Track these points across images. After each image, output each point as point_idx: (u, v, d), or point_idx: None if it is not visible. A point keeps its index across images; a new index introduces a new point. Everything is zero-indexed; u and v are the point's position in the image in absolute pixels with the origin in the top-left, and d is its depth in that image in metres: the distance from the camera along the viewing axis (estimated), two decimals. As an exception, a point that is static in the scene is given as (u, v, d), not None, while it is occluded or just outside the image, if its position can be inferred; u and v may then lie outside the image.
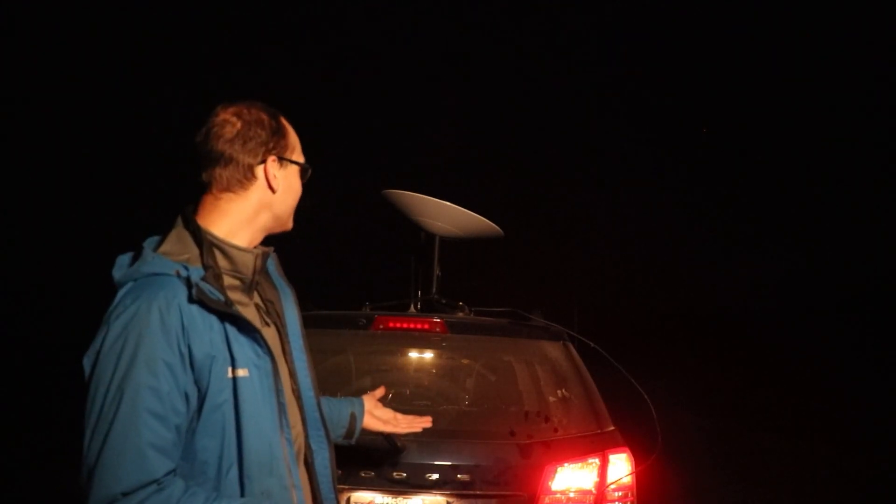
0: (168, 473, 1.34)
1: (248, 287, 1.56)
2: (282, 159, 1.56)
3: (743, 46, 18.22)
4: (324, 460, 1.63)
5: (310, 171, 1.64)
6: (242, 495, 1.39)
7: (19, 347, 11.07)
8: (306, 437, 1.60)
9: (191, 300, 1.38)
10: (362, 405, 2.04)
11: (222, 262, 1.50)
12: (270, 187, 1.54)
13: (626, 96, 18.97)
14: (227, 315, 1.42)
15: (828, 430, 8.10)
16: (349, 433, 1.98)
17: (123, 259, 1.50)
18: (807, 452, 7.39)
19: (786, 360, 11.67)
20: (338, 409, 1.97)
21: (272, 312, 1.62)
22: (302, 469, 1.58)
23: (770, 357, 12.18)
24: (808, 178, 16.72)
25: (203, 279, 1.43)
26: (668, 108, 18.82)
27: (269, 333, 1.57)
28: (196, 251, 1.48)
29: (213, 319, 1.41)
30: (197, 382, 1.38)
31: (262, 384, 1.44)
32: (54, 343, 11.30)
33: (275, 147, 1.54)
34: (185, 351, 1.37)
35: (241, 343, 1.43)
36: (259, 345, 1.46)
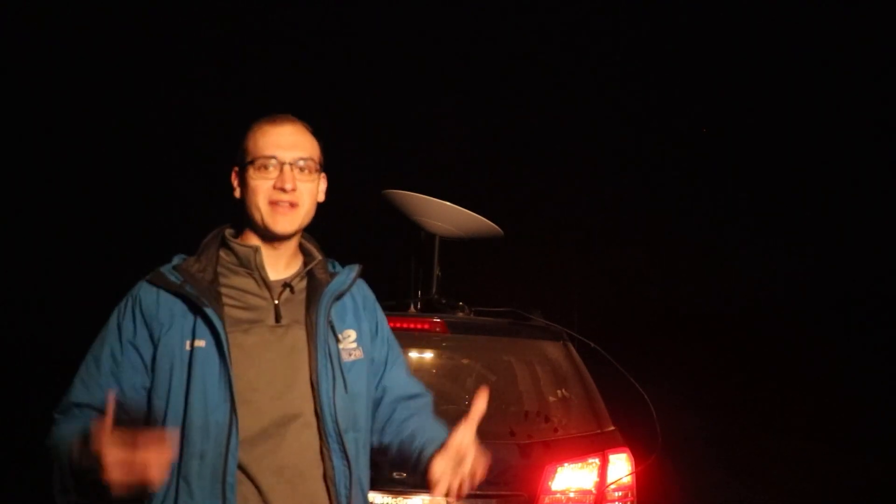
0: (90, 406, 1.57)
1: (262, 283, 1.67)
2: (242, 167, 1.69)
3: (751, 41, 18.22)
4: (343, 479, 1.62)
5: (256, 161, 1.65)
6: (181, 455, 1.53)
7: (19, 348, 11.07)
8: (329, 450, 1.61)
9: (147, 279, 1.66)
10: (437, 446, 1.64)
11: (231, 258, 1.69)
12: (234, 195, 1.72)
13: (626, 94, 18.97)
14: (181, 294, 1.61)
15: (828, 430, 8.11)
16: (416, 472, 1.67)
17: None
18: (807, 452, 7.40)
19: (786, 361, 11.68)
20: (421, 442, 1.69)
21: (308, 318, 1.66)
22: (277, 455, 1.58)
23: (770, 357, 12.18)
24: (811, 176, 16.72)
25: (176, 266, 1.67)
26: (670, 107, 18.82)
27: (279, 331, 1.64)
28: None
29: (174, 297, 1.62)
30: (152, 341, 1.60)
31: (217, 356, 1.56)
32: (53, 343, 11.32)
33: (236, 159, 1.71)
34: (137, 315, 1.62)
35: (201, 318, 1.59)
36: (208, 321, 1.57)
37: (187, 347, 1.57)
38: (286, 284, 1.69)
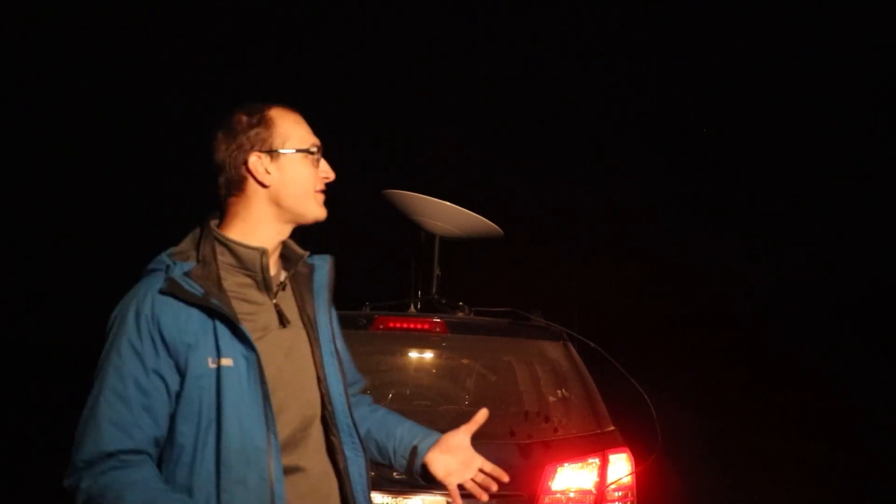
0: (130, 452, 1.43)
1: (263, 285, 1.59)
2: (271, 152, 1.57)
3: (744, 44, 18.22)
4: (359, 468, 1.63)
5: (315, 153, 1.61)
6: (218, 483, 1.43)
7: (19, 347, 11.07)
8: (340, 443, 1.61)
9: (161, 291, 1.47)
10: (431, 442, 1.74)
11: (228, 259, 1.56)
12: (261, 183, 1.57)
13: (626, 95, 18.98)
14: (205, 307, 1.47)
15: (828, 430, 8.10)
16: (410, 463, 1.73)
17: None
18: (807, 452, 7.39)
19: (786, 361, 11.67)
20: (403, 435, 1.77)
21: (303, 315, 1.63)
22: (302, 459, 1.57)
23: (770, 357, 12.18)
24: (810, 177, 16.72)
25: (188, 273, 1.50)
26: (669, 107, 18.82)
27: (286, 334, 1.60)
28: (204, 250, 1.57)
29: (195, 310, 1.48)
30: (177, 368, 1.46)
31: (248, 374, 1.48)
32: (54, 343, 11.32)
33: (256, 143, 1.57)
34: (155, 337, 1.45)
35: (226, 334, 1.48)
36: (239, 337, 1.48)
37: (211, 366, 1.46)
38: (280, 283, 1.63)
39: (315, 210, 1.62)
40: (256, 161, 1.57)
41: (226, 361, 1.46)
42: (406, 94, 17.47)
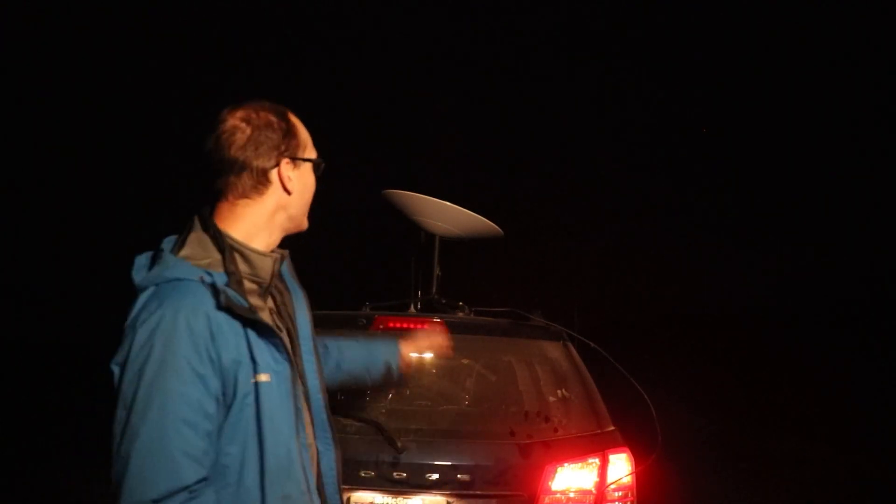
0: (200, 481, 1.36)
1: (265, 291, 1.57)
2: (295, 159, 1.55)
3: (746, 43, 18.23)
4: (329, 462, 1.63)
5: (323, 166, 1.61)
6: (263, 500, 1.40)
7: (19, 347, 11.07)
8: (313, 438, 1.61)
9: (218, 307, 1.39)
10: (396, 353, 2.11)
11: (242, 266, 1.50)
12: (286, 189, 1.54)
13: (626, 95, 18.99)
14: (250, 321, 1.43)
15: (828, 430, 8.10)
16: (388, 378, 2.07)
17: (142, 260, 1.49)
18: (807, 452, 7.39)
19: (786, 361, 11.67)
20: (373, 355, 2.07)
21: (285, 316, 1.63)
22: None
23: (770, 357, 12.17)
24: (809, 177, 16.72)
25: (227, 285, 1.43)
26: (669, 107, 18.82)
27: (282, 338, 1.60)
28: (217, 256, 1.48)
29: (237, 325, 1.42)
30: (224, 388, 1.40)
31: (280, 389, 1.46)
32: (54, 343, 11.33)
33: (287, 149, 1.53)
34: (214, 358, 1.37)
35: (261, 348, 1.45)
36: (278, 350, 1.47)
37: (251, 381, 1.42)
38: (270, 287, 1.61)
39: (306, 222, 1.65)
40: (286, 167, 1.53)
41: (262, 377, 1.42)
42: (406, 94, 17.47)
